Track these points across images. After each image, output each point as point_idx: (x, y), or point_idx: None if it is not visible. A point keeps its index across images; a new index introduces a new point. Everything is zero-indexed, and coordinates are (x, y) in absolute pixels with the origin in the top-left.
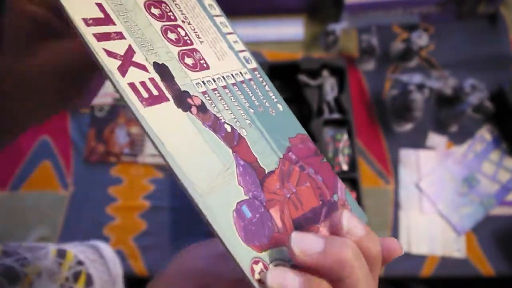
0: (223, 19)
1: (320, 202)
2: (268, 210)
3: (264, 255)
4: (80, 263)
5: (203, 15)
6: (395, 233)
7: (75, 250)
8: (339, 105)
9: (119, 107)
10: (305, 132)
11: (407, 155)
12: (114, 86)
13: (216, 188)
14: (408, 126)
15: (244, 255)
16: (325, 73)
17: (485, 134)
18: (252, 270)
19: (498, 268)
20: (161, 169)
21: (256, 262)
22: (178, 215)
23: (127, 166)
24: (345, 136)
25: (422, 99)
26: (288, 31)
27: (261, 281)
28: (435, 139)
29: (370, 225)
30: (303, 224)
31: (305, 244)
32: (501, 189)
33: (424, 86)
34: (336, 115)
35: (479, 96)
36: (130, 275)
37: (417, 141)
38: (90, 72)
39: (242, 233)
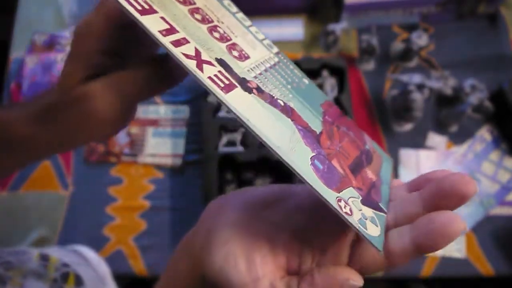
0: (241, 15)
1: (359, 152)
2: (330, 161)
3: (342, 195)
4: (65, 265)
5: (228, 14)
6: None
7: (58, 254)
8: (339, 105)
9: None
10: (328, 98)
11: (407, 155)
12: (200, 82)
13: (293, 149)
14: (408, 126)
15: (330, 195)
16: (325, 73)
17: (485, 134)
18: (340, 207)
19: (498, 268)
20: (161, 169)
21: (339, 200)
22: (178, 215)
23: (127, 166)
24: None
25: (422, 99)
26: (288, 31)
27: (348, 214)
28: (435, 139)
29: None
30: (356, 169)
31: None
32: (501, 189)
33: (424, 86)
34: None
35: (479, 96)
36: (130, 275)
37: (417, 141)
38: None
39: (323, 180)
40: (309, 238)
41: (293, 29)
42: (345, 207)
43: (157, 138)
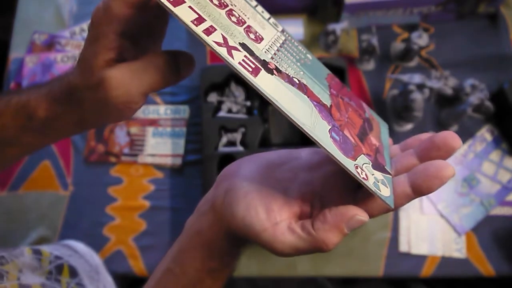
0: None
1: (362, 120)
2: (343, 132)
3: (357, 162)
4: (58, 257)
5: None
6: (395, 233)
7: (48, 248)
8: None
9: None
10: (330, 72)
11: None
12: (233, 67)
13: (315, 123)
14: (408, 126)
15: (349, 163)
16: None
17: (485, 134)
18: (358, 174)
19: (498, 268)
20: (161, 169)
21: (357, 167)
22: (178, 215)
23: (127, 166)
24: None
25: (422, 99)
26: (288, 31)
27: (364, 179)
28: None
29: (375, 193)
30: (362, 137)
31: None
32: (501, 189)
33: (424, 86)
34: None
35: (479, 96)
36: (130, 275)
37: None
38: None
39: (342, 151)
40: (317, 190)
41: (293, 29)
42: (361, 173)
43: (157, 138)
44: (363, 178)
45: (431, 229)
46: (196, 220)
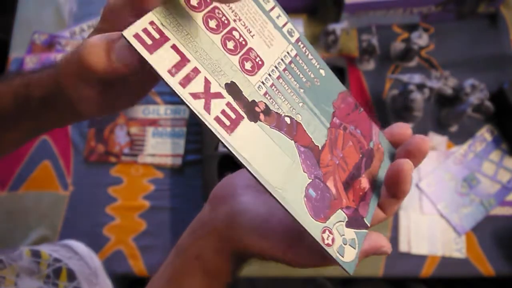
0: None
1: (361, 155)
2: (325, 183)
3: (328, 223)
4: (57, 260)
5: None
6: (395, 233)
7: (48, 249)
8: None
9: None
10: (344, 88)
11: None
12: (206, 126)
13: (288, 182)
14: None
15: (315, 228)
16: None
17: (485, 134)
18: (322, 239)
19: (498, 268)
20: (161, 169)
21: (324, 231)
22: (178, 215)
23: (127, 166)
24: None
25: (422, 99)
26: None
27: (328, 245)
28: (435, 139)
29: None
30: (350, 183)
31: None
32: (501, 189)
33: (424, 86)
34: None
35: (479, 96)
36: (130, 275)
37: None
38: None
39: (312, 212)
40: None
41: None
42: (328, 237)
43: (157, 138)
44: (326, 244)
45: (431, 229)
46: (193, 243)
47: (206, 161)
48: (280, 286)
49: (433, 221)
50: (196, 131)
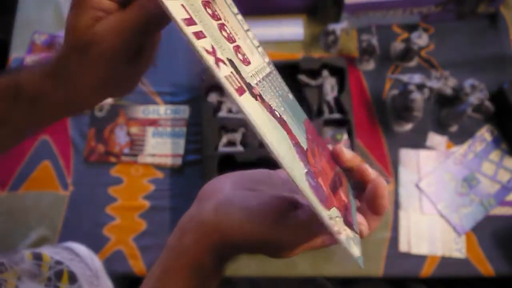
0: (241, 17)
1: (334, 173)
2: (317, 179)
3: (331, 213)
4: (58, 262)
5: (230, 14)
6: (395, 233)
7: (50, 252)
8: (339, 105)
9: (118, 107)
10: (307, 117)
11: (407, 155)
12: (218, 79)
13: (293, 161)
14: (408, 126)
15: (324, 212)
16: (325, 73)
17: (485, 134)
18: (332, 224)
19: (498, 268)
20: (161, 169)
21: (330, 218)
22: (178, 215)
23: (127, 166)
24: (345, 136)
25: (422, 99)
26: (288, 31)
27: (339, 233)
28: (435, 139)
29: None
30: (334, 190)
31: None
32: (501, 189)
33: (424, 86)
34: (336, 115)
35: (479, 96)
36: (130, 275)
37: (417, 141)
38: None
39: (317, 196)
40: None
41: (293, 29)
42: (334, 226)
43: (157, 138)
44: (337, 231)
45: (431, 229)
46: (179, 240)
47: (206, 161)
48: (280, 286)
49: (433, 221)
50: (196, 131)
